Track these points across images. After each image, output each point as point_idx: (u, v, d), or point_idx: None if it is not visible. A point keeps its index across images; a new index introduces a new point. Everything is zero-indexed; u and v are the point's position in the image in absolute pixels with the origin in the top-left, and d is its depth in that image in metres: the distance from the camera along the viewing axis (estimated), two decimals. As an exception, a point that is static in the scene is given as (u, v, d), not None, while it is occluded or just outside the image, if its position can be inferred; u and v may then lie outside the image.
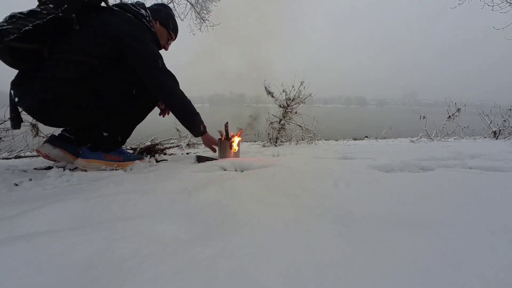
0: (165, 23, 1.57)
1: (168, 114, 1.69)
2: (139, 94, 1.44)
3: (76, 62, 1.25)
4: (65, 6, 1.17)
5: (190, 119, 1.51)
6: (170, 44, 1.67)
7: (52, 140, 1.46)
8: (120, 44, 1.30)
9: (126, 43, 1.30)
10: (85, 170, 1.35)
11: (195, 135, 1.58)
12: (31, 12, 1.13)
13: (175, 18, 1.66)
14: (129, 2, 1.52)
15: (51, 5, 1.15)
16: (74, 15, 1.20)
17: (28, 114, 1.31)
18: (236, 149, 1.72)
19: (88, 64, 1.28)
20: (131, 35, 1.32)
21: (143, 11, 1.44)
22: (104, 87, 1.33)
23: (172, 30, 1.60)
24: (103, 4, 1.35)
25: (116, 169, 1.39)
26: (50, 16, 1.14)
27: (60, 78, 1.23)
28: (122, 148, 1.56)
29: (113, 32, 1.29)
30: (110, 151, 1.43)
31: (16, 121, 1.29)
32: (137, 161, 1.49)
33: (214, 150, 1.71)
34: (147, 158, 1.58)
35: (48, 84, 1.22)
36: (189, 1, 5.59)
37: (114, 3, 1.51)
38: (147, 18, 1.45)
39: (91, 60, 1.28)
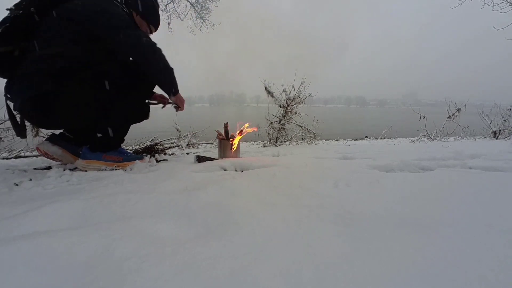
0: (145, 16, 1.47)
1: (164, 106, 1.65)
2: (130, 90, 1.40)
3: (57, 56, 1.20)
4: (23, 3, 1.20)
5: (171, 74, 1.38)
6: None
7: (52, 138, 1.46)
8: (90, 24, 1.21)
9: (91, 20, 1.21)
10: (85, 171, 1.35)
11: (176, 93, 1.45)
12: (1, 20, 1.19)
13: (156, 8, 1.53)
14: None
15: (13, 7, 1.21)
16: (33, 8, 1.20)
17: (21, 116, 1.29)
18: (235, 148, 1.73)
19: (71, 56, 1.22)
20: (94, 10, 1.21)
21: None
22: (93, 81, 1.29)
23: (151, 23, 1.50)
24: None
25: (116, 169, 1.39)
26: (14, 15, 1.17)
27: (44, 72, 1.19)
28: (122, 148, 1.56)
29: (78, 13, 1.21)
30: (108, 151, 1.42)
31: (18, 129, 1.27)
32: (137, 161, 1.48)
33: (183, 106, 1.57)
34: (147, 158, 1.58)
35: (32, 80, 1.18)
36: (189, 1, 5.59)
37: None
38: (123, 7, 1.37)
39: (73, 51, 1.22)
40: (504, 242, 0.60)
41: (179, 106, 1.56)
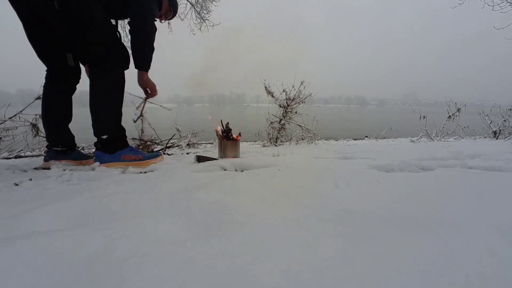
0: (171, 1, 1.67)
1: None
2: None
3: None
4: None
5: (152, 52, 1.52)
6: (167, 20, 1.73)
7: (52, 156, 1.48)
8: None
9: None
10: None
11: (145, 69, 1.53)
12: None
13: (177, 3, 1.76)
14: None
15: None
16: None
17: None
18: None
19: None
20: None
21: None
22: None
23: (172, 7, 1.70)
24: None
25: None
26: None
27: None
28: (132, 146, 1.57)
29: None
30: (122, 148, 1.45)
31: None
32: (157, 158, 1.53)
33: (148, 93, 1.63)
34: (164, 155, 1.60)
35: None
36: (189, 1, 5.58)
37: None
38: None
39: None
40: (504, 242, 0.60)
41: (148, 92, 1.58)
